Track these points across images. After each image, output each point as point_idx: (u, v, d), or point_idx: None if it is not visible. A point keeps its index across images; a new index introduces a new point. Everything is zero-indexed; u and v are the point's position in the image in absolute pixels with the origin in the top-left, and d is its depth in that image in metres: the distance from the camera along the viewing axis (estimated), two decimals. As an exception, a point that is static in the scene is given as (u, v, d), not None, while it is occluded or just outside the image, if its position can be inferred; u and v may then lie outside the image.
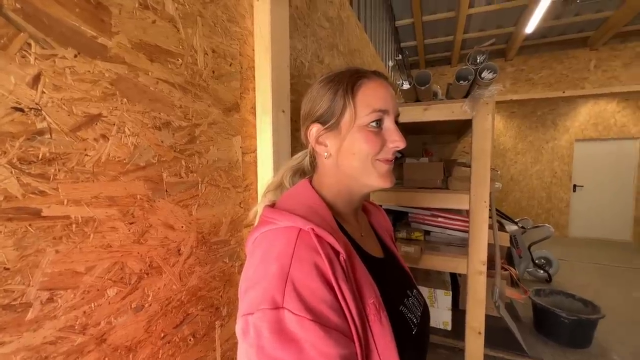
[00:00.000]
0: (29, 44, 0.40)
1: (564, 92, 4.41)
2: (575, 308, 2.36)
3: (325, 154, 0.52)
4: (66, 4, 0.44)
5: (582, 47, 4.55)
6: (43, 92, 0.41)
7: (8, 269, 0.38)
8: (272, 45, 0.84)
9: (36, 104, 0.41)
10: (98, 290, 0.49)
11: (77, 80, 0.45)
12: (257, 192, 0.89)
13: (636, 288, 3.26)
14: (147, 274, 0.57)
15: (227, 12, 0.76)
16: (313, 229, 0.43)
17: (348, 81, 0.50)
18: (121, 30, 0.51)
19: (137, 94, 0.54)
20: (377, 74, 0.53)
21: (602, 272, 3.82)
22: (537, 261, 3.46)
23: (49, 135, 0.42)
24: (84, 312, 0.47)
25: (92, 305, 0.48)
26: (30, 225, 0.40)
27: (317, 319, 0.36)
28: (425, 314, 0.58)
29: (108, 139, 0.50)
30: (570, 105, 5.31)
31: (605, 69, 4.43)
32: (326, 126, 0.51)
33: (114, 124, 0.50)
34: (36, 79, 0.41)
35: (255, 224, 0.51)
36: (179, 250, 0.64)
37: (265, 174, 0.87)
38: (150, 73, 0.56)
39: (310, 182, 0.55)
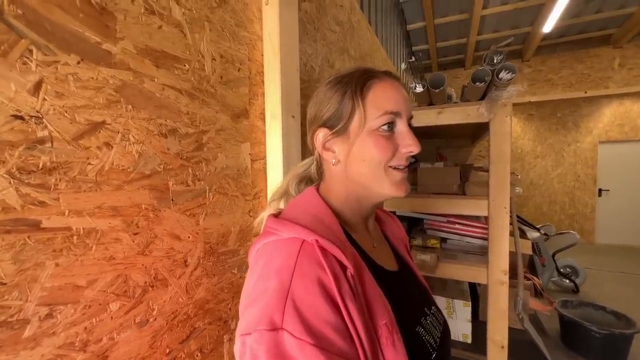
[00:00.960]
0: (30, 51, 0.39)
1: (585, 92, 4.23)
2: (606, 321, 2.20)
3: (333, 160, 0.49)
4: (70, 10, 0.43)
5: (604, 45, 4.36)
6: (44, 100, 0.40)
7: (5, 283, 0.37)
8: (281, 50, 0.82)
9: (37, 111, 0.39)
10: (100, 304, 0.47)
11: (80, 87, 0.44)
12: (266, 200, 0.87)
13: (674, 300, 3.03)
14: (152, 286, 0.55)
15: (235, 16, 0.75)
16: (317, 241, 0.39)
17: (357, 82, 0.47)
18: (126, 36, 0.50)
19: (143, 101, 0.53)
20: (388, 74, 0.49)
21: (633, 282, 3.58)
22: (562, 270, 3.28)
23: (50, 144, 0.41)
24: (85, 328, 0.45)
25: (94, 321, 0.46)
26: (29, 237, 0.39)
27: (320, 343, 0.32)
28: (446, 335, 0.52)
29: (112, 147, 0.48)
30: (593, 105, 5.09)
31: (630, 67, 4.23)
32: (333, 131, 0.48)
33: (118, 132, 0.49)
34: (37, 86, 0.39)
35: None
36: (185, 262, 0.61)
37: (275, 181, 0.85)
38: (156, 79, 0.55)
39: (317, 190, 0.52)
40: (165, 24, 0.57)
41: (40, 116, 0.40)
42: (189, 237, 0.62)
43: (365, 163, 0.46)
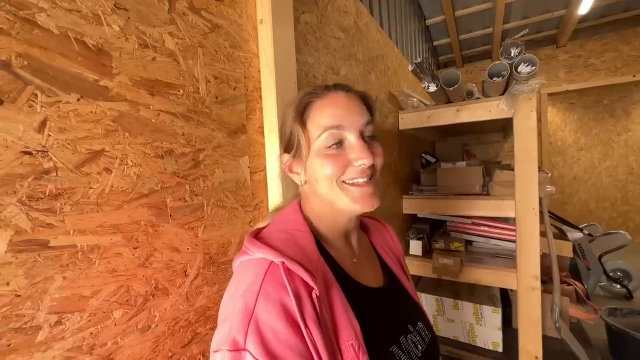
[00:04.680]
0: (36, 95, 0.45)
1: (634, 76, 3.80)
2: (664, 333, 1.96)
3: (299, 181, 0.52)
4: (69, 55, 0.49)
5: (656, 21, 3.88)
6: (49, 135, 0.46)
7: (19, 295, 0.43)
8: (276, 66, 0.85)
9: (43, 146, 0.46)
10: (104, 312, 0.52)
11: (80, 121, 0.50)
12: (267, 210, 0.90)
13: None
14: (153, 295, 0.60)
15: (229, 39, 0.80)
16: (283, 262, 0.41)
17: (297, 105, 0.49)
18: (122, 71, 0.56)
19: (139, 127, 0.58)
20: (330, 89, 0.49)
21: None
22: (611, 274, 2.96)
23: (55, 173, 0.47)
24: (91, 333, 0.50)
25: (99, 327, 0.52)
26: (39, 255, 0.45)
27: None
28: (431, 352, 0.51)
29: (111, 171, 0.54)
30: (646, 89, 4.55)
31: (689, 44, 3.72)
32: (292, 154, 0.51)
33: (117, 157, 0.55)
34: (42, 124, 0.46)
35: None
36: (185, 272, 0.66)
37: (275, 191, 0.88)
38: (151, 106, 0.60)
39: (300, 203, 0.54)
40: (159, 55, 0.62)
41: (46, 150, 0.46)
42: (187, 248, 0.67)
43: (320, 183, 0.47)
